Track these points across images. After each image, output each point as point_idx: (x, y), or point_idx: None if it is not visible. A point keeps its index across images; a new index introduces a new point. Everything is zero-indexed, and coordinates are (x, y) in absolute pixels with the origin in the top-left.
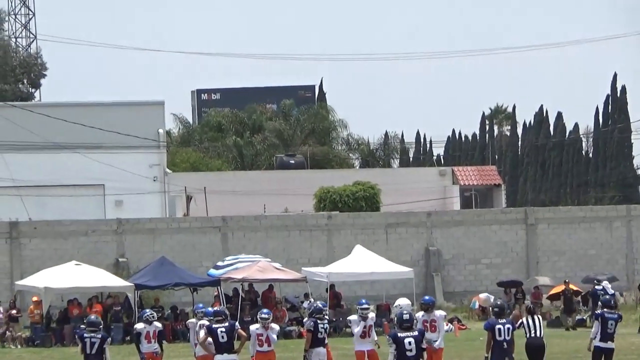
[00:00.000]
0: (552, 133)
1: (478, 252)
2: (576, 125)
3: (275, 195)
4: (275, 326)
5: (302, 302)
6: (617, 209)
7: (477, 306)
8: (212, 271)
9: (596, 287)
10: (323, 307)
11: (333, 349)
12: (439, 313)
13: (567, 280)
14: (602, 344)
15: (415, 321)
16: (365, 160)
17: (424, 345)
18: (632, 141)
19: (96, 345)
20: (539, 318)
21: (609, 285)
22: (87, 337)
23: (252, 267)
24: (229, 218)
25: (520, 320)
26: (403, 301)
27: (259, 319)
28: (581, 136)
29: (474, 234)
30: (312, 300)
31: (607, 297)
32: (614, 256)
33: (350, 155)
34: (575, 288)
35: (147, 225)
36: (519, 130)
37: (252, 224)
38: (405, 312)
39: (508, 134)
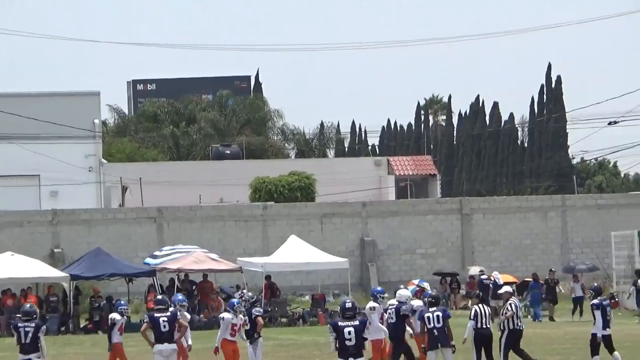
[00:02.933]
0: (487, 123)
1: (413, 242)
2: (511, 115)
3: (211, 186)
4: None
5: (235, 293)
6: (552, 199)
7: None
8: (149, 260)
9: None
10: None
11: (268, 339)
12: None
13: (552, 269)
14: (604, 332)
15: (358, 310)
16: (301, 150)
17: (367, 336)
18: (567, 131)
19: (30, 334)
20: (487, 308)
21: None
22: (22, 326)
23: (187, 258)
24: (164, 208)
25: (474, 308)
26: (404, 292)
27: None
28: (517, 126)
29: (409, 224)
30: (244, 291)
31: (595, 285)
32: (549, 246)
33: (286, 145)
34: (512, 279)
35: (83, 216)
36: (455, 120)
37: (187, 214)
38: (347, 300)
39: (443, 124)
